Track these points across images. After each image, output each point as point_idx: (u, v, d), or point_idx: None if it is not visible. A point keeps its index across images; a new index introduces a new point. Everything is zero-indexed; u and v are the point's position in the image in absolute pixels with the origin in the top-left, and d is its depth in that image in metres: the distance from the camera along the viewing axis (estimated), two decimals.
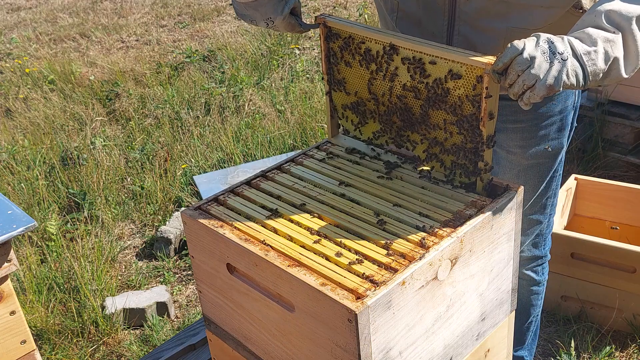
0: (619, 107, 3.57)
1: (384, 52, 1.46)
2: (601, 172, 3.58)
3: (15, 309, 1.64)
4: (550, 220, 1.98)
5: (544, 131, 1.77)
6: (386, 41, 1.45)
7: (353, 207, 1.43)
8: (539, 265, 2.05)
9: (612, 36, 1.28)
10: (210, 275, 1.47)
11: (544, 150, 1.80)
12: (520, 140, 1.78)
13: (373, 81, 1.53)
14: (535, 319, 2.15)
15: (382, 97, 1.53)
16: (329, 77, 1.63)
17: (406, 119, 1.50)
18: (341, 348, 1.16)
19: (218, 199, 1.51)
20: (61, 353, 2.79)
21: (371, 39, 1.49)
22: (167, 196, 3.88)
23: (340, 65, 1.59)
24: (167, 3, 8.32)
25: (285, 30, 1.60)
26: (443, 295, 1.28)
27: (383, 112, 1.55)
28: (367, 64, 1.52)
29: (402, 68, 1.44)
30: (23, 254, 3.31)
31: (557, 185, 1.92)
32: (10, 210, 1.63)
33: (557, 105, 1.75)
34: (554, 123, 1.77)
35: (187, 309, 3.08)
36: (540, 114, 1.75)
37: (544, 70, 1.22)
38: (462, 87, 1.35)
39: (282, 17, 1.54)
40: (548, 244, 2.04)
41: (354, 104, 1.61)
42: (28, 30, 7.64)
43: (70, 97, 5.46)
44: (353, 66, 1.56)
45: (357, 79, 1.57)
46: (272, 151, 4.29)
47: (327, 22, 1.56)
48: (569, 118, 1.80)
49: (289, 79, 5.33)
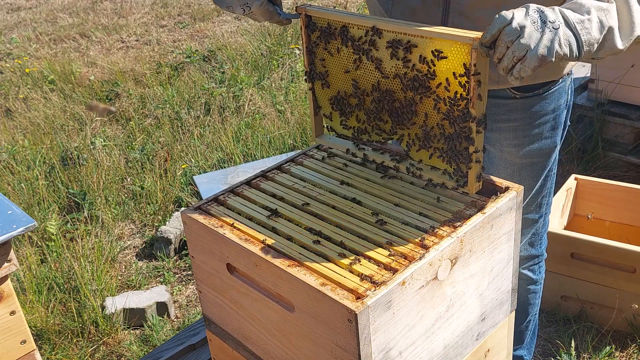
0: (619, 107, 3.57)
1: (367, 36, 1.39)
2: (601, 172, 3.58)
3: (15, 309, 1.64)
4: (545, 219, 1.98)
5: (537, 130, 1.77)
6: (368, 25, 1.39)
7: (353, 207, 1.43)
8: (535, 264, 2.06)
9: (606, 5, 1.24)
10: (210, 275, 1.47)
11: (537, 149, 1.79)
12: (514, 139, 1.78)
13: (356, 71, 1.46)
14: (533, 317, 2.15)
15: (366, 89, 1.47)
16: (311, 71, 1.56)
17: (392, 110, 1.44)
18: (341, 348, 1.16)
19: (218, 199, 1.51)
20: (61, 353, 2.79)
21: (353, 24, 1.42)
22: (167, 196, 3.88)
23: (324, 56, 1.51)
24: (167, 3, 8.32)
25: (263, 18, 1.50)
26: (443, 295, 1.28)
27: (368, 105, 1.49)
28: (351, 51, 1.45)
29: (386, 53, 1.38)
30: (23, 254, 3.31)
31: (551, 184, 1.92)
32: (10, 210, 1.63)
33: (550, 103, 1.75)
34: (547, 122, 1.77)
35: (187, 309, 3.08)
36: (533, 112, 1.74)
37: (534, 39, 1.16)
38: (449, 67, 1.28)
39: (259, 2, 1.46)
40: (544, 243, 2.05)
41: (337, 98, 1.54)
42: (28, 30, 7.64)
43: (70, 97, 5.46)
44: (335, 56, 1.49)
45: (340, 71, 1.50)
46: (272, 151, 4.29)
47: (308, 11, 1.49)
48: (562, 117, 1.80)
49: (289, 79, 5.33)
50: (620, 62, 3.44)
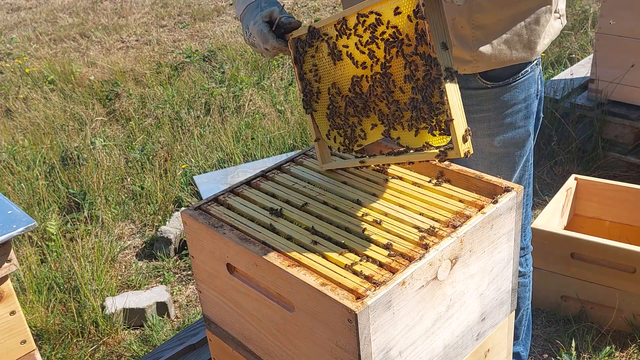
0: (619, 107, 3.57)
1: (337, 30, 1.39)
2: (601, 172, 3.58)
3: (15, 309, 1.64)
4: (527, 211, 2.00)
5: (509, 119, 1.81)
6: (338, 18, 1.38)
7: (353, 207, 1.43)
8: (521, 257, 2.06)
9: None
10: (210, 275, 1.47)
11: (511, 138, 1.83)
12: (487, 129, 1.82)
13: (334, 71, 1.45)
14: (526, 312, 2.16)
15: (340, 88, 1.45)
16: (306, 97, 1.54)
17: (358, 100, 1.41)
18: (341, 348, 1.16)
19: (218, 199, 1.51)
20: (61, 353, 2.79)
21: (326, 26, 1.42)
22: (167, 196, 3.88)
23: (316, 61, 1.49)
24: (167, 3, 8.32)
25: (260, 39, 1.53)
26: (443, 296, 1.28)
27: (342, 107, 1.46)
28: (329, 53, 1.44)
29: (354, 39, 1.37)
30: (23, 254, 3.31)
31: (529, 175, 1.96)
32: (10, 210, 1.63)
33: (520, 92, 1.80)
34: (519, 111, 1.81)
35: (187, 309, 3.08)
36: (504, 102, 1.79)
37: None
38: (405, 20, 1.26)
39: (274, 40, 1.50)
40: (528, 235, 2.07)
41: (329, 115, 1.52)
42: (28, 30, 7.65)
43: (70, 97, 5.46)
44: (320, 53, 1.47)
45: (327, 80, 1.49)
46: (272, 151, 4.29)
47: (292, 36, 1.51)
48: (533, 106, 1.85)
49: (289, 79, 5.33)
50: (620, 62, 3.44)
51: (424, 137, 1.32)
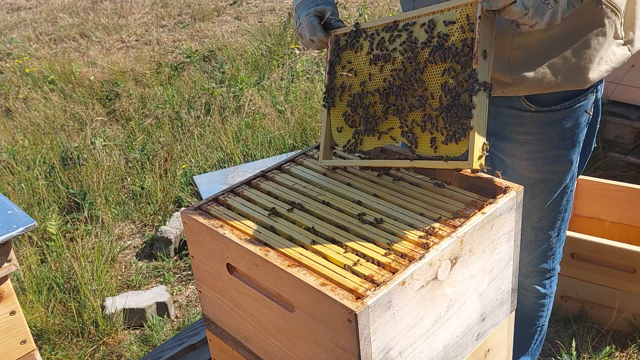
0: (619, 107, 3.57)
1: (385, 32, 1.48)
2: (601, 172, 3.58)
3: (15, 309, 1.64)
4: (561, 235, 1.91)
5: (551, 147, 1.69)
6: (390, 21, 1.48)
7: (353, 207, 1.43)
8: (546, 279, 2.00)
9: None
10: (210, 275, 1.47)
11: (551, 166, 1.72)
12: (527, 152, 1.72)
13: (369, 69, 1.53)
14: (540, 328, 2.11)
15: (371, 87, 1.52)
16: (330, 92, 1.61)
17: (384, 100, 1.48)
18: (341, 348, 1.16)
19: (218, 199, 1.51)
20: (61, 353, 2.79)
21: (373, 27, 1.52)
22: (167, 196, 3.88)
23: (350, 58, 1.57)
24: (167, 3, 8.32)
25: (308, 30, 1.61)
26: (443, 296, 1.28)
27: (366, 106, 1.53)
28: (368, 52, 1.52)
29: (400, 41, 1.46)
30: (23, 254, 3.31)
31: (567, 201, 1.83)
32: (10, 210, 1.63)
33: (568, 121, 1.68)
34: (563, 139, 1.69)
35: (187, 309, 3.08)
36: (548, 128, 1.67)
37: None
38: (456, 31, 1.35)
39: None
40: (558, 258, 1.98)
41: (346, 114, 1.58)
42: (28, 30, 7.65)
43: (70, 97, 5.46)
44: (359, 53, 1.55)
45: (359, 78, 1.55)
46: (272, 151, 4.29)
47: (336, 33, 1.61)
48: (580, 135, 1.72)
49: (289, 79, 5.33)
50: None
51: (438, 147, 1.40)
